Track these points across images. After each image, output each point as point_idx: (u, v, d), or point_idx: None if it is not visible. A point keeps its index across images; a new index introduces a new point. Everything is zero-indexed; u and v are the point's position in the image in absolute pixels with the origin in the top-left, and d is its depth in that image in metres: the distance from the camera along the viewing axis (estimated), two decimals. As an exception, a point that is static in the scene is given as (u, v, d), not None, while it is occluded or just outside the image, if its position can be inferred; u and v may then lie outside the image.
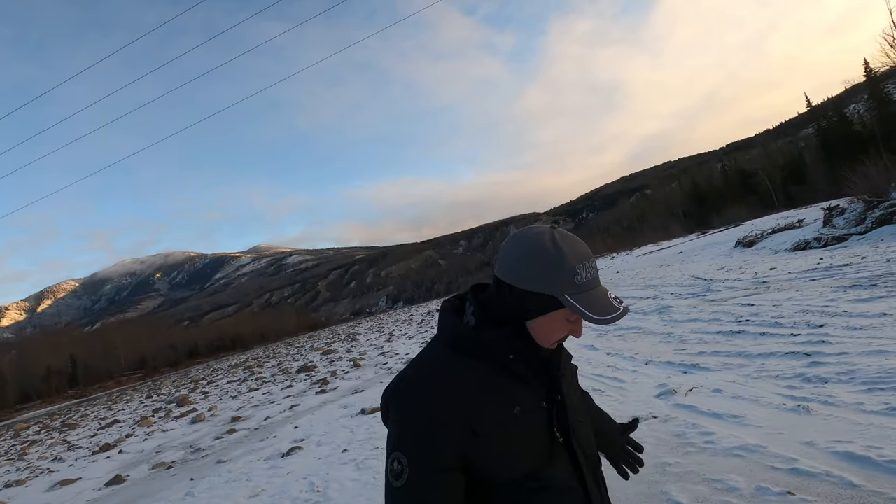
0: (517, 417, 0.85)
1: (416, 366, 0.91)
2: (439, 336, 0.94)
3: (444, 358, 0.89)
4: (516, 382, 0.87)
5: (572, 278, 0.83)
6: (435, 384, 0.85)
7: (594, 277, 0.86)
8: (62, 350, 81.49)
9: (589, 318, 0.82)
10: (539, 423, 0.88)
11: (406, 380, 0.89)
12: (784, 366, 4.33)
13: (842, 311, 5.54)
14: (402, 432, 0.84)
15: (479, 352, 0.87)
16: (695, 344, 6.10)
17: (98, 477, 7.39)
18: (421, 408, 0.83)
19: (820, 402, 3.38)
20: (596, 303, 0.83)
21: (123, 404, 21.92)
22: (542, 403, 0.90)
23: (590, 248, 0.89)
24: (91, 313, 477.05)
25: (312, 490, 4.24)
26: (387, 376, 10.01)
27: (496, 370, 0.87)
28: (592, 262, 0.87)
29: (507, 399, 0.85)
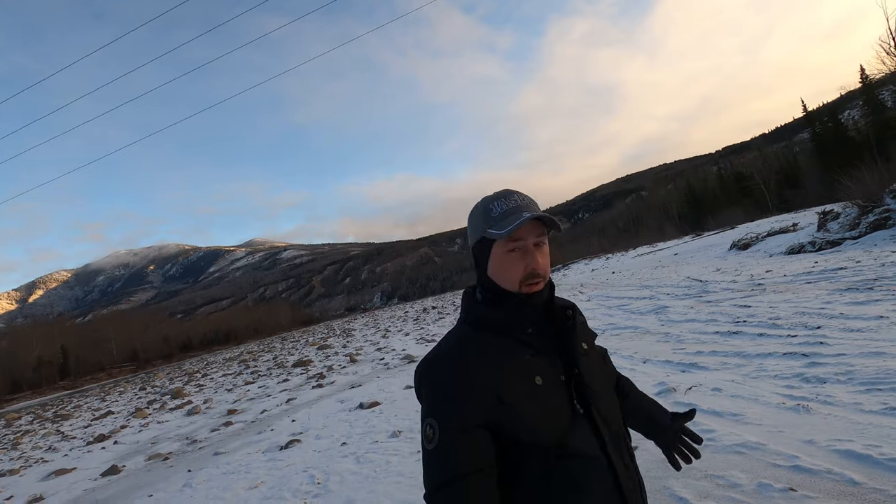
0: (539, 388, 0.90)
1: (442, 343, 0.99)
2: (461, 317, 1.03)
3: (467, 334, 0.97)
4: (536, 355, 0.93)
5: (488, 215, 0.97)
6: (459, 355, 0.93)
7: (511, 207, 0.96)
8: (53, 341, 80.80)
9: (493, 234, 0.93)
10: (560, 396, 0.92)
11: (433, 355, 0.97)
12: (782, 366, 4.37)
13: (838, 314, 5.60)
14: (432, 400, 0.91)
15: (498, 327, 0.95)
16: (692, 344, 6.15)
17: (94, 467, 7.36)
18: (447, 376, 0.90)
19: (819, 401, 3.42)
20: (506, 223, 0.93)
21: (117, 396, 21.80)
22: (561, 377, 0.94)
23: (515, 190, 1.02)
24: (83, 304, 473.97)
25: (313, 482, 4.25)
26: (384, 371, 10.02)
27: (517, 343, 0.94)
28: (510, 197, 0.99)
29: (528, 370, 0.91)
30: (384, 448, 4.76)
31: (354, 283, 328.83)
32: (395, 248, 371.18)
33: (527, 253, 0.94)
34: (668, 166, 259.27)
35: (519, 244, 0.94)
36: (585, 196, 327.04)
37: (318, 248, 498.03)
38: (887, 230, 14.21)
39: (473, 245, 1.01)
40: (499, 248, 0.95)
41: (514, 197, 0.99)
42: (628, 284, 17.60)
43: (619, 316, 10.12)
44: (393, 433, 5.17)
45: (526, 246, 0.94)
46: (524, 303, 0.95)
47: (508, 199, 0.98)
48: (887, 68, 33.84)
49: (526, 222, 0.91)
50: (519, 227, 0.91)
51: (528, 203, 0.98)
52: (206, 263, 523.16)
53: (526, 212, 0.94)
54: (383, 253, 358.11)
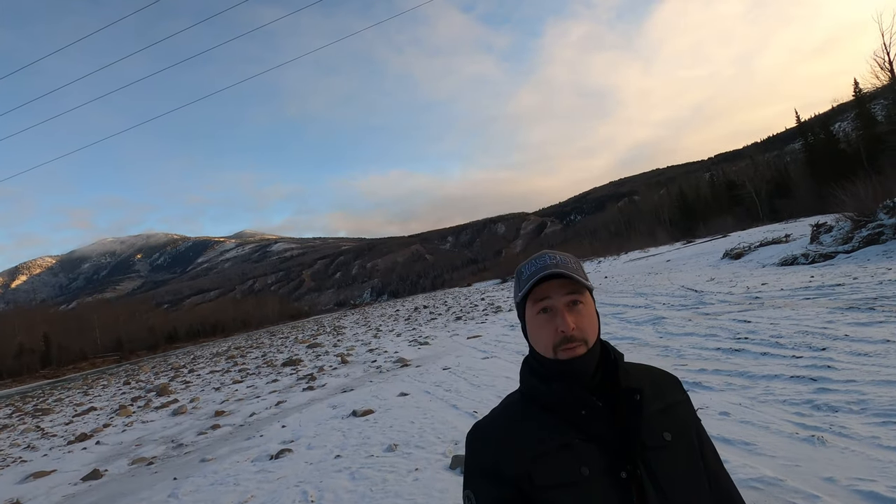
0: (583, 479, 0.79)
1: (491, 411, 0.96)
2: (518, 387, 0.98)
3: (514, 405, 0.92)
4: (587, 441, 0.82)
5: (520, 277, 0.94)
6: (497, 425, 0.90)
7: (541, 267, 0.90)
8: (36, 328, 79.45)
9: (517, 297, 0.93)
10: (610, 495, 0.79)
11: (477, 422, 0.94)
12: (790, 390, 4.29)
13: (843, 335, 5.54)
14: (470, 470, 0.89)
15: (547, 402, 0.87)
16: (694, 360, 6.06)
17: (74, 470, 7.12)
18: (485, 449, 0.87)
19: (833, 432, 3.32)
20: (531, 279, 0.89)
21: (100, 390, 21.35)
22: (622, 474, 0.80)
23: (556, 251, 0.94)
24: (67, 292, 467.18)
25: (306, 500, 4.08)
26: (376, 375, 9.85)
27: (567, 424, 0.84)
28: (542, 257, 0.92)
29: (573, 457, 0.81)
30: (380, 463, 4.60)
31: (345, 278, 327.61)
32: (386, 244, 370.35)
33: (556, 314, 0.87)
34: (660, 171, 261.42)
35: (546, 304, 0.88)
36: (578, 198, 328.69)
37: (308, 242, 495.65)
38: (880, 245, 14.31)
39: (518, 313, 0.97)
40: (530, 311, 0.91)
41: (545, 257, 0.92)
42: (622, 291, 17.57)
43: (615, 325, 10.04)
44: (389, 447, 5.01)
45: (554, 306, 0.87)
46: (567, 374, 0.86)
47: (539, 259, 0.92)
48: (880, 82, 34.29)
49: (540, 279, 0.86)
50: (535, 284, 0.86)
51: (559, 261, 0.90)
52: (194, 254, 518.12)
53: (548, 269, 0.88)
54: (375, 248, 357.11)
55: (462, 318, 18.77)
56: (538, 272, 0.88)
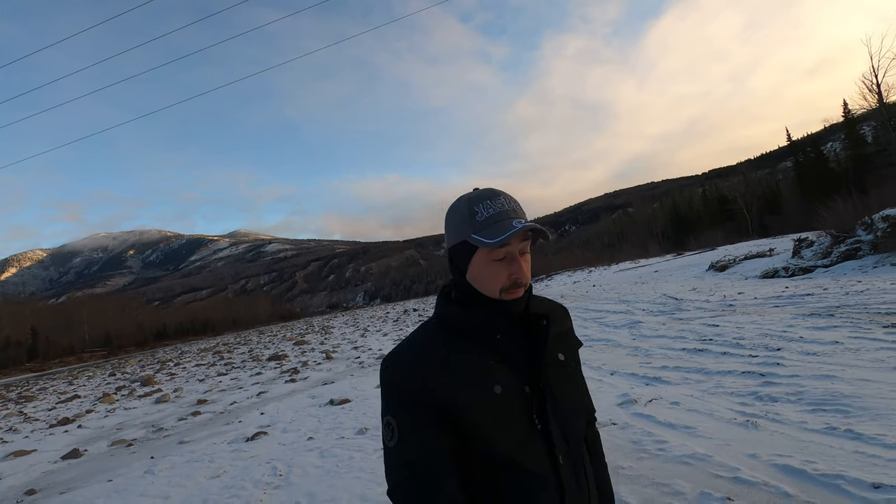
0: (496, 397, 0.85)
1: (406, 340, 0.95)
2: (433, 315, 1.00)
3: (432, 333, 0.94)
4: (501, 363, 0.88)
5: (473, 218, 0.91)
6: (418, 353, 0.90)
7: (498, 212, 0.90)
8: (23, 321, 78.64)
9: (483, 244, 0.87)
10: (519, 407, 0.87)
11: (395, 351, 0.94)
12: (739, 384, 4.53)
13: (798, 337, 5.81)
14: (390, 397, 0.88)
15: (466, 330, 0.91)
16: (660, 359, 6.31)
17: (54, 450, 7.23)
18: (405, 374, 0.87)
19: (768, 418, 3.57)
20: (495, 231, 0.87)
21: (85, 380, 21.33)
22: (526, 388, 0.88)
23: (500, 190, 0.94)
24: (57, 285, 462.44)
25: (275, 474, 4.27)
26: (358, 370, 10.02)
27: (482, 348, 0.89)
28: (496, 200, 0.92)
29: (488, 377, 0.86)
30: (349, 444, 4.80)
31: (338, 281, 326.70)
32: (380, 248, 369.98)
33: (512, 261, 0.90)
34: (655, 185, 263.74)
35: (505, 251, 0.89)
36: (573, 209, 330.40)
37: (303, 244, 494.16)
38: (857, 260, 14.69)
39: (453, 246, 0.95)
40: (483, 255, 0.90)
41: (501, 199, 0.92)
42: (607, 298, 17.85)
43: (593, 328, 10.28)
44: (360, 430, 5.21)
45: (512, 254, 0.90)
46: (499, 309, 0.91)
47: (495, 201, 0.92)
48: (869, 105, 34.95)
49: (517, 232, 0.86)
50: (510, 237, 0.86)
51: (514, 207, 0.92)
52: (187, 252, 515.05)
53: (515, 218, 0.89)
54: (369, 252, 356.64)
55: (449, 321, 18.97)
56: (501, 217, 0.89)
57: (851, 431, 3.03)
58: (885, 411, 3.22)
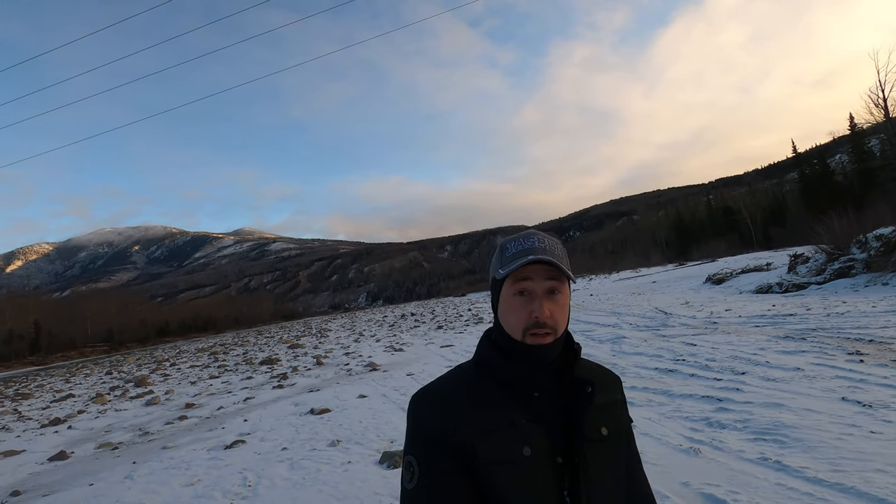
0: (525, 459, 0.80)
1: (441, 378, 0.92)
2: (473, 357, 0.97)
3: (467, 375, 0.91)
4: (534, 423, 0.83)
5: (503, 253, 0.91)
6: (446, 394, 0.87)
7: (526, 248, 0.88)
8: (27, 314, 79.31)
9: (500, 274, 0.88)
10: (548, 477, 0.81)
11: (426, 389, 0.90)
12: (696, 408, 4.68)
13: (765, 361, 5.95)
14: (413, 437, 0.86)
15: (501, 378, 0.87)
16: (632, 378, 6.44)
17: (43, 451, 7.44)
18: (431, 416, 0.84)
19: (711, 446, 3.72)
20: (513, 262, 0.86)
21: (82, 378, 21.64)
22: (558, 459, 0.82)
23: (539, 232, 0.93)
24: (62, 279, 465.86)
25: (244, 484, 4.45)
26: (345, 378, 10.20)
27: (517, 403, 0.85)
28: (529, 238, 0.90)
29: (518, 436, 0.81)
30: (320, 456, 4.97)
31: (341, 282, 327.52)
32: (384, 249, 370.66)
33: (534, 298, 0.86)
34: (660, 192, 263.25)
35: (526, 286, 0.86)
36: (578, 215, 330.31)
37: (307, 243, 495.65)
38: (849, 278, 14.76)
39: (490, 284, 0.95)
40: (507, 290, 0.88)
41: (534, 238, 0.90)
42: (600, 309, 17.97)
43: (579, 342, 10.41)
44: (332, 442, 5.38)
45: (533, 290, 0.86)
46: (530, 358, 0.86)
47: (527, 239, 0.90)
48: (875, 119, 34.88)
49: (528, 263, 0.84)
50: (520, 266, 0.84)
51: (546, 247, 0.88)
52: (192, 248, 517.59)
53: (534, 252, 0.86)
54: (372, 253, 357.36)
55: (443, 328, 19.13)
56: (524, 253, 0.86)
57: (780, 463, 3.18)
58: (816, 444, 3.37)
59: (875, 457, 3.03)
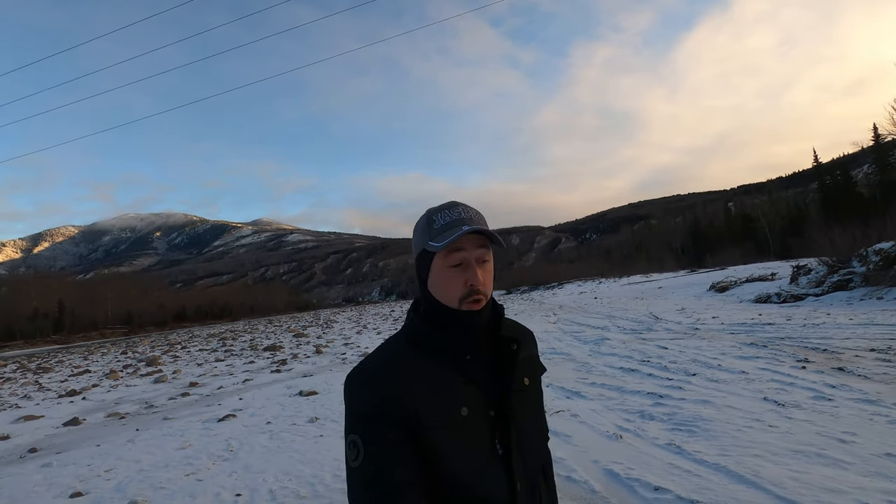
0: (463, 419, 0.85)
1: (372, 355, 0.94)
2: (402, 329, 0.99)
3: (399, 348, 0.92)
4: (468, 384, 0.88)
5: (430, 227, 0.92)
6: (384, 368, 0.88)
7: (454, 219, 0.91)
8: (52, 294, 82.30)
9: (431, 246, 0.89)
10: (482, 432, 0.87)
11: (361, 367, 0.91)
12: (637, 403, 5.12)
13: (717, 365, 6.34)
14: (355, 414, 0.86)
15: (434, 346, 0.90)
16: (597, 375, 6.87)
17: (59, 417, 8.17)
18: (370, 391, 0.85)
19: (633, 433, 4.17)
20: (446, 235, 0.88)
21: (99, 356, 22.78)
22: (490, 412, 0.88)
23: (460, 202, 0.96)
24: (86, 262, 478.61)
25: (227, 450, 5.03)
26: (340, 365, 10.79)
27: (450, 367, 0.88)
28: (454, 209, 0.93)
29: (456, 398, 0.86)
30: (297, 430, 5.54)
31: (356, 275, 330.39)
32: (399, 244, 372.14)
33: (468, 268, 0.89)
34: (681, 197, 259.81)
35: (460, 256, 0.89)
36: (595, 217, 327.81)
37: (323, 236, 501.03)
38: (847, 291, 14.85)
39: (416, 257, 0.96)
40: (439, 262, 0.90)
41: (459, 209, 0.93)
42: (597, 313, 18.31)
43: (565, 342, 10.83)
44: (311, 419, 5.95)
45: (467, 260, 0.89)
46: (465, 324, 0.90)
47: (452, 210, 0.93)
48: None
49: (464, 234, 0.87)
50: (456, 238, 0.86)
51: (472, 216, 0.93)
52: (211, 237, 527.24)
53: (466, 223, 0.90)
54: (388, 248, 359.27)
55: (443, 323, 19.66)
56: (454, 224, 0.90)
57: (680, 448, 3.63)
58: (719, 434, 3.80)
59: (759, 445, 3.46)
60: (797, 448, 3.31)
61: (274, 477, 4.07)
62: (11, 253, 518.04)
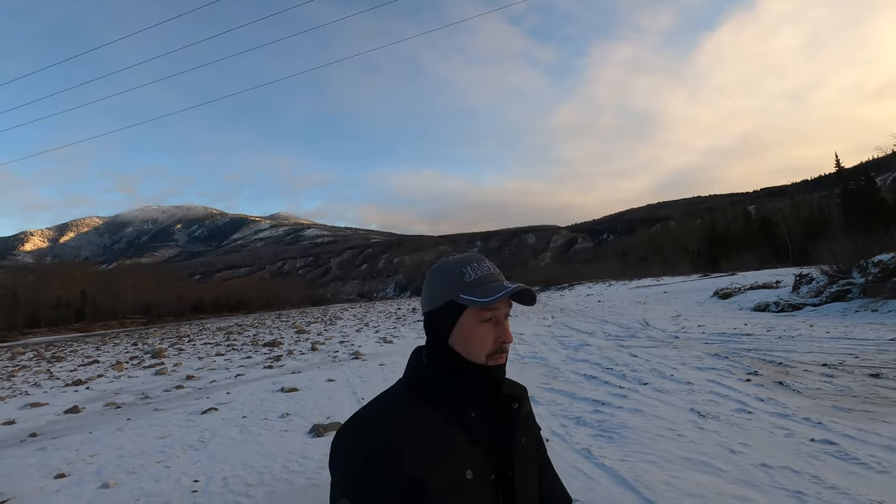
0: (468, 483, 0.81)
1: (372, 406, 0.87)
2: (403, 378, 0.94)
3: (402, 402, 0.87)
4: (473, 444, 0.84)
5: (461, 279, 0.89)
6: (383, 425, 0.82)
7: (486, 274, 0.90)
8: (75, 284, 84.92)
9: (477, 302, 0.85)
10: (486, 497, 0.83)
11: (357, 420, 0.85)
12: (580, 409, 5.43)
13: (670, 375, 6.61)
14: (348, 478, 0.79)
15: (438, 400, 0.86)
16: (560, 382, 7.18)
17: (62, 405, 8.80)
18: (370, 453, 0.78)
19: (560, 438, 4.50)
20: (486, 291, 0.87)
21: (111, 347, 23.79)
22: (492, 476, 0.85)
23: (483, 256, 0.97)
24: (109, 252, 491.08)
25: (200, 440, 5.51)
26: (328, 364, 11.26)
27: (456, 425, 0.85)
28: (482, 263, 0.93)
29: (461, 460, 0.82)
30: (267, 425, 5.99)
31: (371, 271, 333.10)
32: (415, 241, 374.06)
33: (499, 324, 0.89)
34: (701, 199, 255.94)
35: (494, 314, 0.88)
36: (613, 217, 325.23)
37: (340, 231, 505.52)
38: (843, 303, 14.82)
39: (438, 307, 0.91)
40: (471, 317, 0.88)
41: (486, 264, 0.93)
42: (594, 317, 18.52)
43: (548, 346, 11.12)
44: (282, 414, 6.40)
45: (498, 316, 0.89)
46: (486, 378, 0.88)
47: (481, 264, 0.92)
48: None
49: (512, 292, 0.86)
50: (506, 296, 0.85)
51: (499, 272, 0.93)
52: (230, 230, 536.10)
53: (503, 281, 0.90)
54: (403, 245, 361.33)
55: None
56: (489, 279, 0.89)
57: (590, 452, 3.96)
58: (632, 441, 4.12)
59: (658, 453, 3.77)
60: (689, 456, 3.62)
61: (231, 466, 4.51)
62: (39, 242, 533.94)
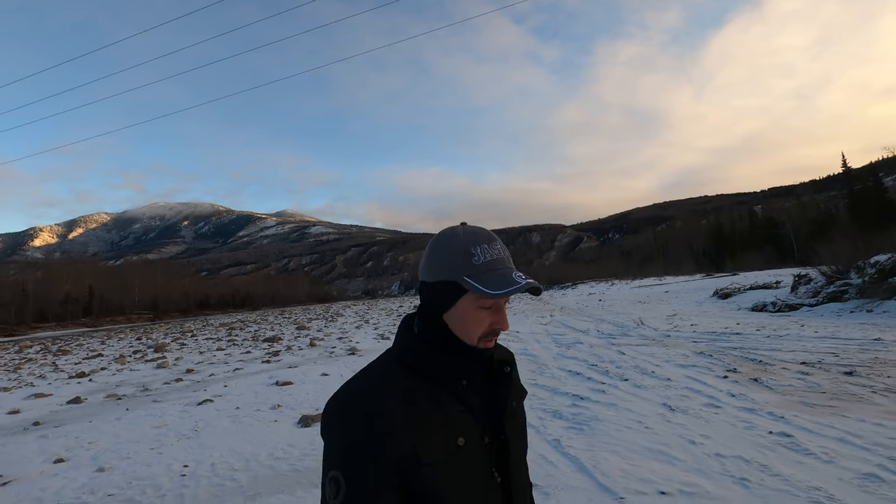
0: (461, 450, 0.80)
1: (362, 378, 0.86)
2: (392, 349, 0.92)
3: (393, 372, 0.85)
4: (464, 412, 0.84)
5: (469, 260, 0.84)
6: (373, 397, 0.80)
7: (496, 259, 0.86)
8: (83, 279, 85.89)
9: (483, 293, 0.81)
10: (480, 461, 0.83)
11: (348, 392, 0.83)
12: (559, 403, 5.61)
13: (651, 372, 6.77)
14: (340, 450, 0.78)
15: (429, 371, 0.85)
16: (546, 377, 7.35)
17: (65, 396, 9.07)
18: (362, 425, 0.76)
19: (535, 430, 4.67)
20: (494, 280, 0.82)
21: (115, 341, 24.20)
22: (484, 439, 0.85)
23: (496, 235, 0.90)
24: (117, 248, 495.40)
25: (193, 430, 5.73)
26: (325, 359, 11.48)
27: (446, 394, 0.84)
28: (493, 245, 0.87)
29: (453, 428, 0.81)
30: (259, 416, 6.21)
31: (376, 268, 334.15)
32: (420, 239, 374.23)
33: (498, 312, 0.86)
34: (707, 199, 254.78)
35: (496, 301, 0.85)
36: (619, 216, 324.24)
37: (345, 229, 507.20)
38: (840, 303, 14.89)
39: (437, 282, 0.87)
40: (471, 301, 0.85)
41: (498, 247, 0.88)
42: (591, 316, 18.65)
43: (542, 344, 11.28)
44: (274, 406, 6.62)
45: (500, 304, 0.86)
46: (472, 356, 0.87)
47: (493, 247, 0.87)
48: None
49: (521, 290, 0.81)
50: (513, 292, 0.81)
51: (508, 256, 0.89)
52: (236, 227, 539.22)
53: (513, 270, 0.86)
54: (408, 243, 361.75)
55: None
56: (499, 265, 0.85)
57: (559, 443, 4.14)
58: (600, 433, 4.29)
59: (622, 443, 3.95)
60: (650, 447, 3.79)
61: (220, 453, 4.73)
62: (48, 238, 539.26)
